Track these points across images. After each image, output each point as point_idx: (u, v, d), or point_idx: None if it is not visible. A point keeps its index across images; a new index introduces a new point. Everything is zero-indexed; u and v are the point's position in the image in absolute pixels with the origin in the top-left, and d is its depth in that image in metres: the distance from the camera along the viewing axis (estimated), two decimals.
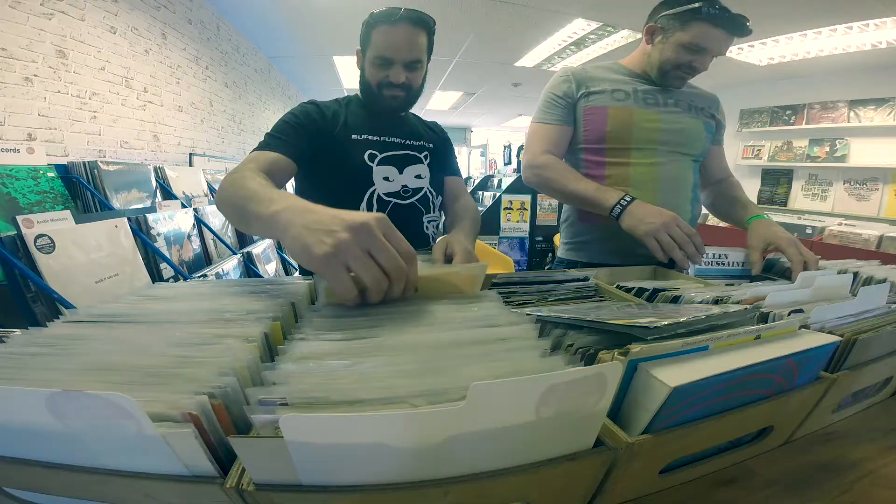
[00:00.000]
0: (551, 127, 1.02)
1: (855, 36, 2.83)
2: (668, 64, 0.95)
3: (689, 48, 0.91)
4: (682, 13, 0.90)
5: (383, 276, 0.40)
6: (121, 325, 0.40)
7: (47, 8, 1.52)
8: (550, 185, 1.01)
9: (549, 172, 1.00)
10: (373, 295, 0.41)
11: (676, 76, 0.97)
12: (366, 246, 0.40)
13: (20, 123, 1.43)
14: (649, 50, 0.99)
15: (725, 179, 1.13)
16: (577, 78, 1.01)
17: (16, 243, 0.98)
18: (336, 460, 0.25)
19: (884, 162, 3.45)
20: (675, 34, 0.92)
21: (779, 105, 4.18)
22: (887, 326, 0.45)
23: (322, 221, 0.41)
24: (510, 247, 3.61)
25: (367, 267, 0.40)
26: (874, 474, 0.40)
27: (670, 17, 0.92)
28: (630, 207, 0.88)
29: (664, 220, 0.83)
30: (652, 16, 0.97)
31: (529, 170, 1.04)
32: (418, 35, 0.89)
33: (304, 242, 0.41)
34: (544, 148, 1.02)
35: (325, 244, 0.39)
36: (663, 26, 0.94)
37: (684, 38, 0.91)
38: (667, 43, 0.94)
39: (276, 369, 0.31)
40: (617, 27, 3.01)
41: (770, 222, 0.91)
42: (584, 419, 0.29)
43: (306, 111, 0.91)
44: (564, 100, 1.01)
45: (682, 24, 0.90)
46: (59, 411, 0.24)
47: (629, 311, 0.46)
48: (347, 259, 0.39)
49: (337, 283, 0.40)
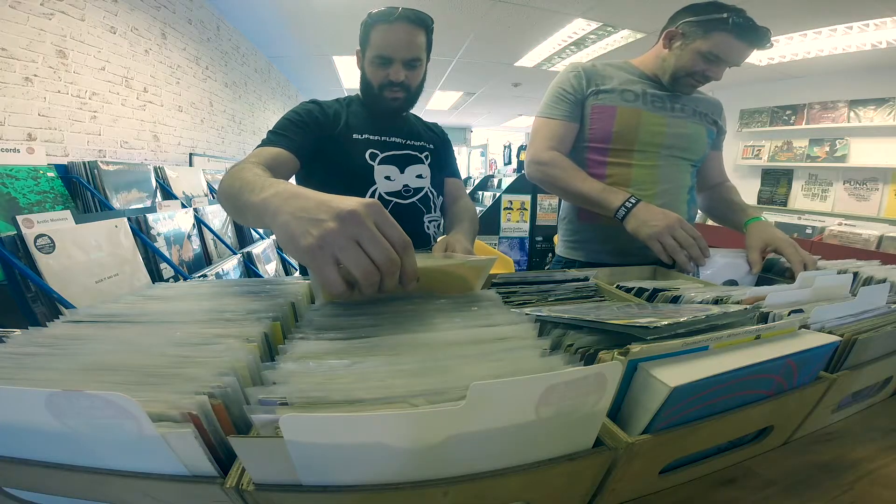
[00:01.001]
0: (558, 122, 1.00)
1: (855, 36, 2.83)
2: (682, 70, 0.94)
3: (706, 57, 0.90)
4: (707, 21, 0.89)
5: (374, 269, 0.37)
6: (121, 324, 0.40)
7: (47, 8, 1.52)
8: (555, 183, 1.00)
9: (554, 170, 0.99)
10: (364, 289, 0.38)
11: (688, 83, 0.97)
12: (354, 235, 0.37)
13: (20, 123, 1.43)
14: (665, 54, 0.97)
15: (722, 184, 1.14)
16: (587, 74, 1.00)
17: (16, 243, 0.98)
18: (336, 460, 0.25)
19: (884, 162, 3.45)
20: (695, 41, 0.91)
21: (779, 105, 4.17)
22: (887, 326, 0.45)
23: (308, 209, 0.38)
24: (510, 247, 3.61)
25: (355, 259, 0.37)
26: (874, 474, 0.40)
27: (694, 23, 0.91)
28: (635, 210, 0.88)
29: (668, 222, 0.83)
30: (673, 20, 0.95)
31: (533, 166, 1.02)
32: (417, 34, 0.89)
33: (290, 232, 0.38)
34: (549, 144, 1.00)
35: (310, 235, 0.37)
36: (684, 32, 0.92)
37: (704, 47, 0.90)
38: (685, 49, 0.93)
39: (276, 369, 0.31)
40: (617, 27, 3.01)
41: (768, 224, 0.91)
42: (584, 419, 0.28)
43: (308, 109, 0.91)
44: (574, 95, 1.00)
45: (705, 32, 0.89)
46: (58, 411, 0.24)
47: (629, 311, 0.46)
48: (334, 251, 0.37)
49: (323, 277, 0.38)
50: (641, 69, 1.03)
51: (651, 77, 1.02)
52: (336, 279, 0.37)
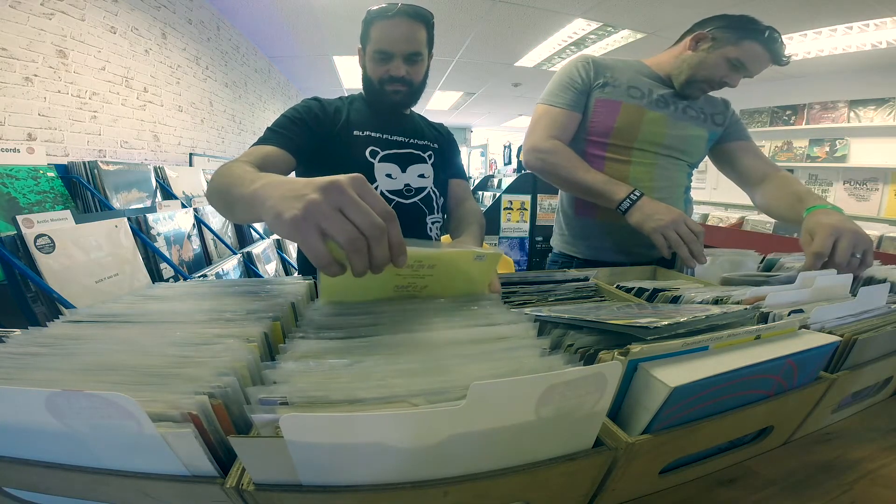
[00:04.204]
0: (560, 111, 0.98)
1: (855, 36, 2.83)
2: (701, 73, 0.94)
3: (732, 63, 0.91)
4: (741, 30, 0.89)
5: (359, 235, 0.37)
6: (121, 324, 0.40)
7: (47, 8, 1.52)
8: (556, 172, 0.97)
9: (555, 158, 0.97)
10: (353, 259, 0.37)
11: (700, 88, 0.97)
12: (337, 204, 0.37)
13: (20, 123, 1.42)
14: (688, 55, 0.96)
15: (773, 174, 1.01)
16: (596, 66, 0.99)
17: (16, 243, 0.98)
18: (336, 460, 0.25)
19: (884, 162, 3.44)
20: (725, 47, 0.91)
21: (779, 105, 4.17)
22: (887, 326, 0.45)
23: (295, 188, 0.39)
24: (510, 247, 3.61)
25: (339, 225, 0.36)
26: (874, 474, 0.40)
27: (726, 29, 0.91)
28: (640, 202, 0.88)
29: (673, 217, 0.83)
30: (704, 24, 0.95)
31: (533, 153, 0.99)
32: (417, 28, 0.89)
33: (276, 210, 0.39)
34: (551, 132, 0.98)
35: (294, 208, 0.37)
36: (715, 37, 0.92)
37: (732, 53, 0.90)
38: (712, 53, 0.92)
39: (276, 368, 0.31)
40: (617, 27, 3.00)
41: (830, 211, 0.79)
42: (584, 419, 0.28)
43: (308, 106, 0.91)
44: (581, 85, 0.98)
45: (738, 39, 0.89)
46: (58, 411, 0.24)
47: (629, 311, 0.46)
48: (318, 220, 0.36)
49: (309, 248, 0.37)
50: (653, 69, 1.02)
51: (662, 78, 1.01)
52: (322, 249, 0.37)
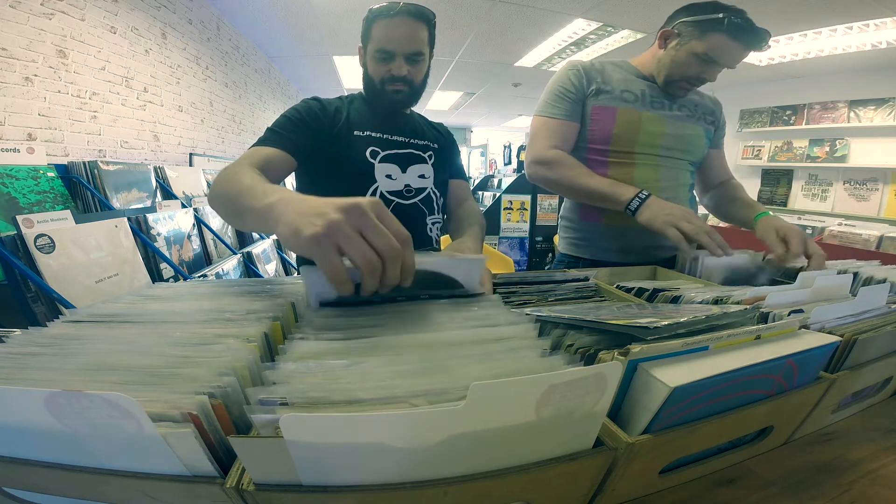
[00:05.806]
0: (559, 121, 0.99)
1: (855, 36, 2.83)
2: (676, 72, 0.94)
3: (702, 58, 0.90)
4: (703, 22, 0.87)
5: (376, 258, 0.38)
6: (121, 324, 0.40)
7: (47, 8, 1.52)
8: (560, 181, 0.98)
9: (559, 168, 0.97)
10: (367, 279, 0.39)
11: (681, 86, 0.96)
12: (357, 226, 0.38)
13: (20, 123, 1.42)
14: (660, 54, 0.96)
15: (727, 181, 1.12)
16: (587, 72, 0.99)
17: (16, 243, 0.98)
18: (336, 460, 0.25)
19: (884, 162, 3.44)
20: (690, 42, 0.90)
21: (779, 105, 4.17)
22: (887, 326, 0.45)
23: (315, 206, 0.40)
24: (510, 247, 3.61)
25: (359, 247, 0.38)
26: (874, 474, 0.40)
27: (689, 24, 0.90)
28: (649, 201, 0.88)
29: (683, 212, 0.84)
30: (670, 21, 0.95)
31: (536, 166, 0.99)
32: (418, 28, 0.89)
33: (295, 226, 0.40)
34: (552, 143, 0.98)
35: (315, 225, 0.38)
36: (680, 32, 0.92)
37: (699, 48, 0.89)
38: (680, 50, 0.92)
39: (276, 369, 0.31)
40: (617, 27, 3.00)
41: (777, 217, 0.91)
42: (584, 419, 0.28)
43: (308, 106, 0.91)
44: (575, 94, 0.98)
45: (701, 33, 0.88)
46: (58, 411, 0.24)
47: (629, 312, 0.46)
48: (338, 240, 0.38)
49: (327, 265, 0.38)
50: (639, 69, 1.02)
51: (649, 77, 1.01)
52: (340, 267, 0.38)
